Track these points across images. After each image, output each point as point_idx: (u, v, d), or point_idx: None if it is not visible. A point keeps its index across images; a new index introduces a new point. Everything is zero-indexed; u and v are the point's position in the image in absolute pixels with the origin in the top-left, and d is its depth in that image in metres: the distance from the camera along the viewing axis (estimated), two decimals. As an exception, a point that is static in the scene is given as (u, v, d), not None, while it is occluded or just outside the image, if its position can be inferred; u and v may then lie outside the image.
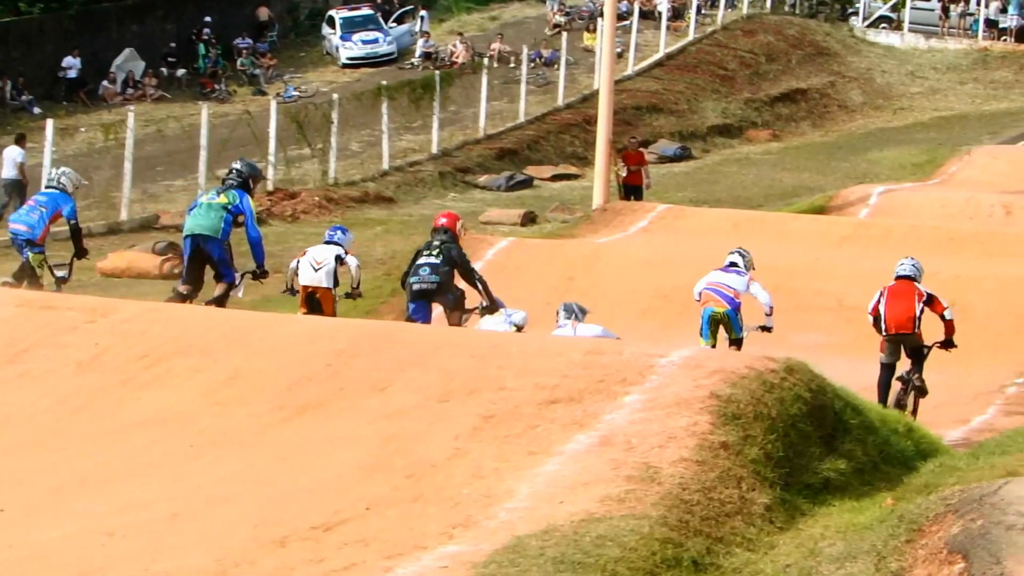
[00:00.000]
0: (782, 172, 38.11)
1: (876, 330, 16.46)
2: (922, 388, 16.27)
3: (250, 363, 12.09)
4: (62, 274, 17.27)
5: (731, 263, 17.21)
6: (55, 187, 17.32)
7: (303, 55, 50.96)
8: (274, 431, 10.91)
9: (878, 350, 16.47)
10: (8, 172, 28.80)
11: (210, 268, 16.42)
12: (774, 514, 9.71)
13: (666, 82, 46.23)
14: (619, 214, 28.16)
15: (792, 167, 38.86)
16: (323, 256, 17.48)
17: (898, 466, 11.36)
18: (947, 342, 16.42)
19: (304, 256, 17.61)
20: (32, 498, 10.00)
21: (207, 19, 47.99)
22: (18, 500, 10.01)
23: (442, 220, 16.86)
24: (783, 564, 8.95)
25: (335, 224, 19.00)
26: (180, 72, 46.60)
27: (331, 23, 50.40)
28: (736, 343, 16.71)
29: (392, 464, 10.04)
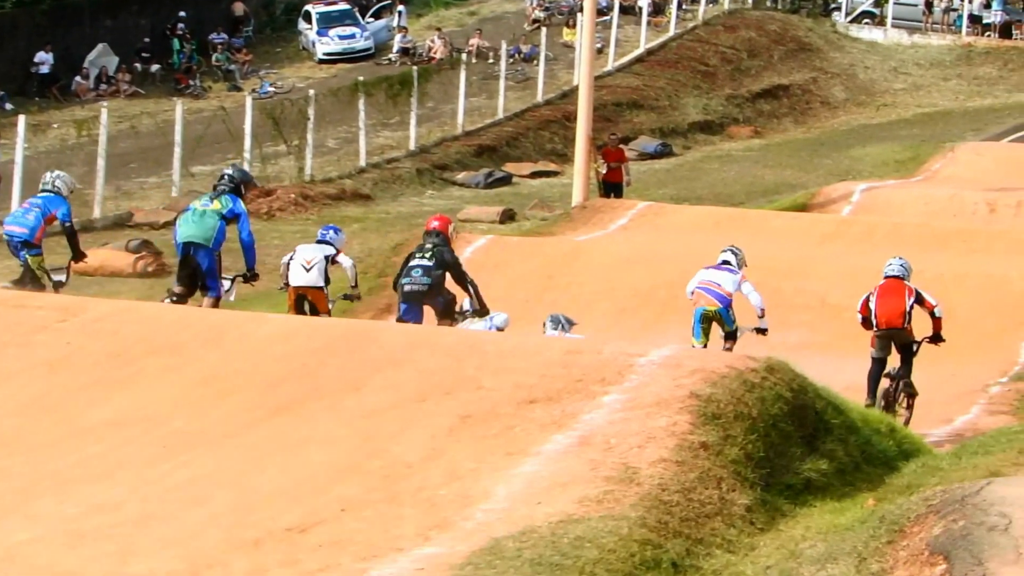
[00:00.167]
0: (764, 169, 38.08)
1: (864, 327, 16.60)
2: (912, 391, 16.39)
3: (224, 363, 12.02)
4: (59, 278, 17.20)
5: (723, 261, 17.27)
6: (50, 190, 17.27)
7: (279, 50, 50.77)
8: (248, 431, 10.83)
9: (857, 350, 16.62)
10: (-20, 169, 28.72)
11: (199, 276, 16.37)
12: (754, 515, 9.68)
13: (647, 78, 46.17)
14: (599, 212, 28.13)
15: (774, 164, 38.84)
16: (313, 255, 17.44)
17: (880, 466, 11.36)
18: (935, 337, 16.60)
19: (294, 256, 17.52)
20: (1, 500, 9.85)
21: (181, 14, 47.74)
22: (-13, 501, 9.89)
23: (434, 223, 16.93)
24: (763, 566, 8.92)
25: (328, 224, 18.97)
26: (154, 67, 46.35)
27: (307, 18, 50.22)
28: (730, 336, 16.86)
29: (368, 465, 9.98)
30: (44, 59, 43.85)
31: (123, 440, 10.84)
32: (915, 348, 16.44)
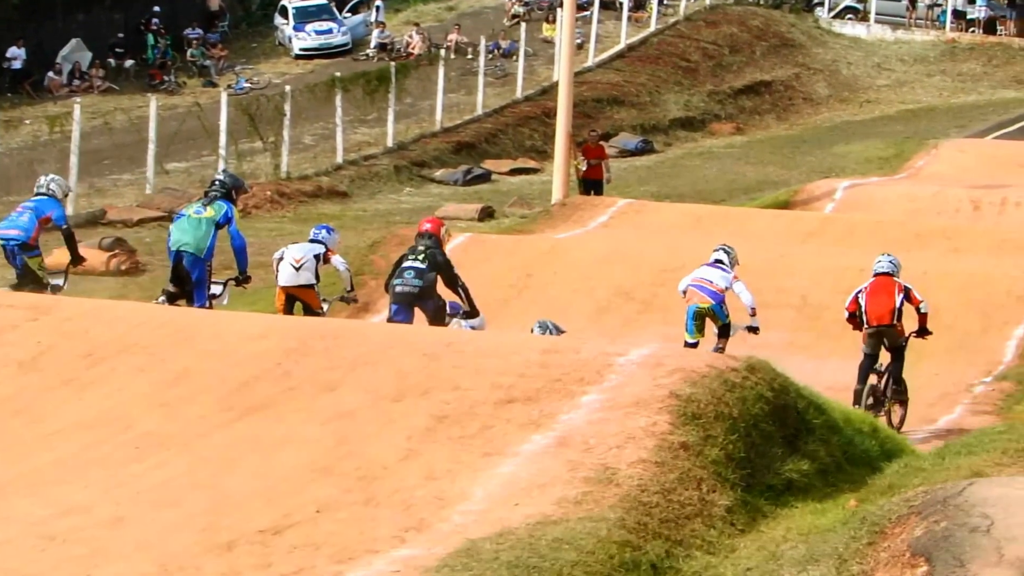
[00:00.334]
0: (746, 166, 38.04)
1: (851, 325, 16.72)
2: (903, 399, 16.52)
3: (197, 362, 11.96)
4: (57, 282, 17.12)
5: (716, 260, 17.49)
6: (44, 193, 17.18)
7: (255, 46, 50.60)
8: (221, 432, 10.78)
9: (840, 349, 16.80)
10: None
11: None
12: (735, 516, 9.66)
13: (627, 74, 46.11)
14: (579, 209, 28.05)
15: (756, 161, 38.80)
16: (302, 253, 17.51)
17: (862, 467, 11.38)
18: (922, 331, 16.78)
19: (284, 255, 17.57)
20: (-30, 502, 9.79)
21: (156, 8, 47.51)
22: (-45, 504, 9.81)
23: (427, 225, 16.98)
24: (744, 567, 8.92)
25: (321, 223, 18.99)
26: (128, 63, 46.09)
27: (284, 13, 50.04)
28: (724, 331, 17.07)
29: (343, 466, 9.95)
30: (16, 54, 43.61)
31: (94, 441, 10.79)
32: (903, 344, 16.57)
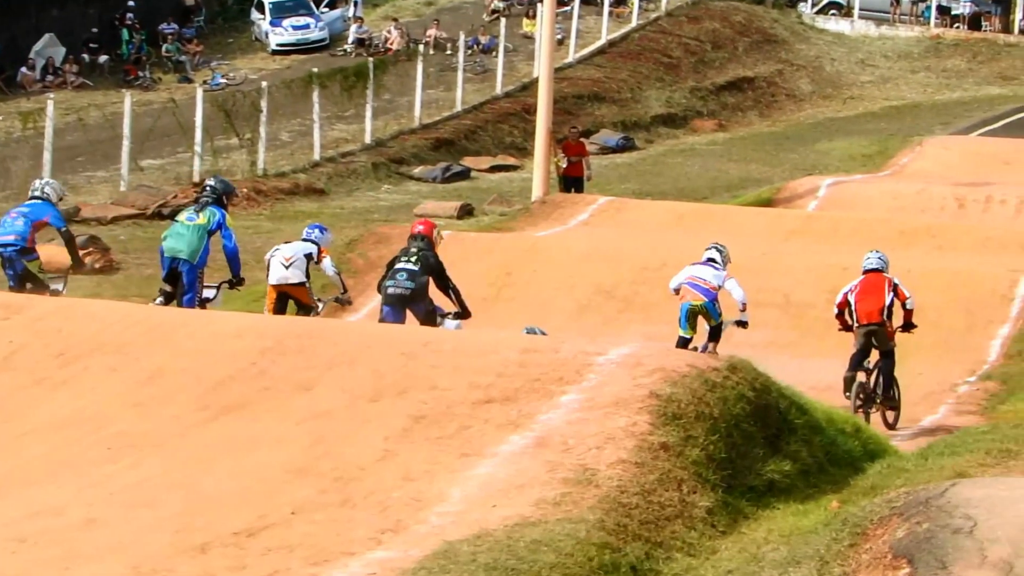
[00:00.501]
0: (728, 163, 38.02)
1: (840, 322, 16.85)
2: (894, 405, 16.63)
3: (171, 362, 11.93)
4: (56, 286, 17.09)
5: (709, 259, 17.63)
6: (39, 196, 17.12)
7: (231, 41, 50.40)
8: (196, 432, 10.75)
9: (824, 348, 17.02)
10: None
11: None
12: (716, 518, 9.63)
13: (608, 70, 46.04)
14: (559, 207, 28.02)
15: (738, 158, 38.78)
16: (292, 252, 17.65)
17: (845, 467, 11.39)
18: (907, 325, 16.95)
19: (275, 254, 17.72)
20: (-60, 504, 9.72)
21: (131, 3, 47.26)
22: (-74, 506, 9.75)
23: (419, 227, 17.16)
24: (725, 570, 8.90)
25: (314, 223, 19.03)
26: (102, 58, 45.83)
27: (260, 8, 49.85)
28: (715, 332, 17.25)
29: (319, 467, 9.92)
30: (-11, 49, 43.44)
31: (67, 441, 10.77)
32: (892, 345, 16.72)
